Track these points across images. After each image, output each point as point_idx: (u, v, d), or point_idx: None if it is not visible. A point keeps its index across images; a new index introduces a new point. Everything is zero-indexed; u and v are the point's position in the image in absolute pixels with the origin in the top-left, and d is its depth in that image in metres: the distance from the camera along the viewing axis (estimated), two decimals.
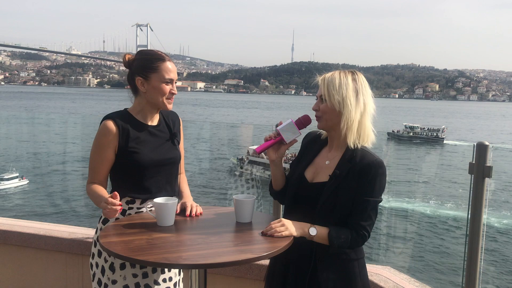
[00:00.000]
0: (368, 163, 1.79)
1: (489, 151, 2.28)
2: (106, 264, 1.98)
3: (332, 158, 1.89)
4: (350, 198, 1.79)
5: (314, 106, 1.89)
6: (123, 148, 2.01)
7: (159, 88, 2.02)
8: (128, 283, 1.95)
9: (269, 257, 1.64)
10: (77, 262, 3.20)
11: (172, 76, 2.05)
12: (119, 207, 1.81)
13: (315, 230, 1.77)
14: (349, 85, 1.82)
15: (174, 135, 2.16)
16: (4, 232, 3.31)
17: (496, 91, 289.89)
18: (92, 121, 28.07)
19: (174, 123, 2.20)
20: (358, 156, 1.81)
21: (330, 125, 1.86)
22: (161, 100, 2.04)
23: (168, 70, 2.03)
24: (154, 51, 2.10)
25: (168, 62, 2.05)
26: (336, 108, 1.81)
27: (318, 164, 1.91)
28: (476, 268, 2.33)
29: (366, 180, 1.78)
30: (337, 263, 1.83)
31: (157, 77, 2.02)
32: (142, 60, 2.06)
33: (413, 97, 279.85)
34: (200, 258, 1.59)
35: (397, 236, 17.22)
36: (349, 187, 1.79)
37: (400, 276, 2.64)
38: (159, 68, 2.02)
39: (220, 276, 2.87)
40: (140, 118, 2.09)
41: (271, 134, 1.93)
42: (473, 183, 2.31)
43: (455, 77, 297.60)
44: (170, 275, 2.06)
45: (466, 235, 2.36)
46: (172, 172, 2.14)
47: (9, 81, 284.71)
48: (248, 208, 1.94)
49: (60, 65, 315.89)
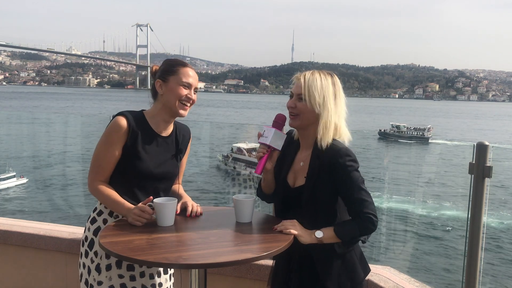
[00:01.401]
0: (334, 154, 1.81)
1: (489, 151, 2.28)
2: (92, 265, 1.97)
3: (304, 158, 1.92)
4: (329, 193, 1.82)
5: (290, 103, 1.89)
6: (128, 149, 1.97)
7: (175, 90, 2.01)
8: (114, 283, 1.94)
9: (269, 257, 1.65)
10: (77, 262, 3.18)
11: (191, 81, 2.04)
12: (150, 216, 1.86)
13: (321, 233, 1.79)
14: (329, 88, 1.85)
15: (179, 151, 2.13)
16: (4, 232, 3.31)
17: (496, 91, 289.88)
18: (92, 121, 28.04)
19: (184, 138, 2.17)
20: (324, 150, 1.83)
21: (305, 124, 1.88)
22: (175, 103, 2.01)
23: (187, 75, 2.03)
24: (179, 59, 2.13)
25: (189, 68, 2.06)
26: (315, 110, 1.84)
27: (295, 168, 1.94)
28: (476, 268, 2.34)
29: (338, 171, 1.80)
30: (334, 256, 1.84)
31: (174, 80, 2.02)
32: (165, 65, 2.09)
33: (413, 97, 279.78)
34: (200, 258, 1.59)
35: (397, 236, 17.23)
36: (324, 183, 1.82)
37: (400, 276, 2.64)
38: (178, 71, 2.03)
39: (220, 276, 2.87)
40: (153, 124, 2.06)
41: (261, 150, 1.92)
42: (473, 183, 2.31)
43: (455, 77, 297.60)
44: (160, 280, 2.05)
45: (466, 235, 2.37)
46: (167, 186, 2.13)
47: (9, 81, 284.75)
48: (248, 208, 1.94)
49: (60, 65, 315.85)
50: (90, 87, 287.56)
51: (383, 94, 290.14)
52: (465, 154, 2.28)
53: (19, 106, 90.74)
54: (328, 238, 1.79)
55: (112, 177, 2.03)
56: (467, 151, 2.39)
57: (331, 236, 1.79)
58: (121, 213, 1.95)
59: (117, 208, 1.96)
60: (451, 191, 24.03)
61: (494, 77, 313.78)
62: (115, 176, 2.02)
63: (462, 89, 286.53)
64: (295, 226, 1.80)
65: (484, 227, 2.35)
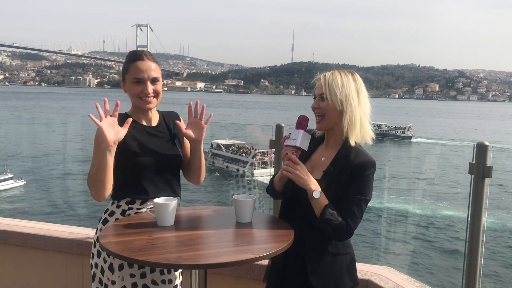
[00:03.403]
0: (362, 162, 1.82)
1: (489, 151, 2.28)
2: (105, 264, 1.98)
3: (328, 155, 1.92)
4: (340, 195, 1.82)
5: (314, 104, 1.91)
6: (121, 148, 1.99)
7: (130, 88, 2.04)
8: (126, 283, 1.95)
9: (269, 257, 1.64)
10: (77, 262, 3.20)
11: (141, 75, 2.01)
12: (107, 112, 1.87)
13: (319, 194, 1.79)
14: (351, 84, 1.86)
15: (174, 136, 2.15)
16: (4, 232, 3.31)
17: (496, 91, 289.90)
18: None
19: (174, 124, 2.18)
20: (352, 154, 1.84)
21: (331, 125, 1.88)
22: (135, 100, 2.05)
23: (137, 70, 2.02)
24: (133, 51, 2.10)
25: (139, 62, 2.02)
26: (337, 107, 1.84)
27: (314, 161, 1.94)
28: (476, 268, 2.34)
29: (358, 178, 1.81)
30: (324, 256, 1.85)
31: (128, 78, 2.05)
32: (124, 62, 2.10)
33: (413, 97, 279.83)
34: (200, 258, 1.59)
35: (397, 236, 17.24)
36: (340, 184, 1.82)
37: (400, 276, 2.65)
38: (130, 68, 2.04)
39: (220, 276, 2.87)
40: (137, 119, 2.09)
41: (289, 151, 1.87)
42: (473, 183, 2.31)
43: (455, 77, 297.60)
44: (170, 277, 2.05)
45: (466, 235, 2.37)
46: (172, 172, 2.12)
47: (9, 81, 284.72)
48: (248, 208, 1.94)
49: (60, 65, 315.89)
50: (90, 87, 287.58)
51: (383, 94, 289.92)
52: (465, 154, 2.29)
53: (20, 106, 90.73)
54: (316, 204, 1.79)
55: (118, 180, 2.03)
56: (467, 151, 2.39)
57: (319, 206, 1.79)
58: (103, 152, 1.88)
59: (97, 155, 1.94)
60: (451, 191, 24.04)
61: (494, 77, 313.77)
62: (120, 178, 2.03)
63: (462, 89, 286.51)
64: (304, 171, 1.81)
65: (484, 227, 2.35)
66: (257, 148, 31.33)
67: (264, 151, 30.58)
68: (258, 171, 30.10)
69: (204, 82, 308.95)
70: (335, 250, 1.86)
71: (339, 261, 1.87)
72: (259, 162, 30.70)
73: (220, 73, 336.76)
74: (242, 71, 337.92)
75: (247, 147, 32.66)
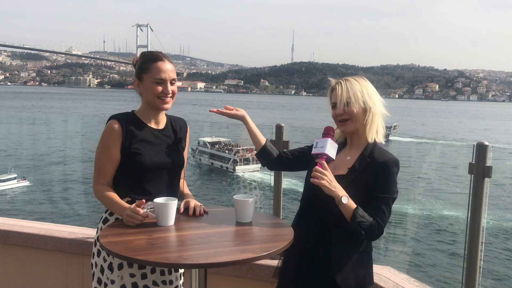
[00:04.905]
0: (386, 160, 1.87)
1: (489, 151, 2.28)
2: (105, 263, 1.98)
3: (352, 154, 1.96)
4: (364, 192, 1.85)
5: (338, 111, 1.93)
6: (127, 148, 2.01)
7: (150, 88, 2.04)
8: (125, 282, 1.95)
9: (269, 257, 1.65)
10: (77, 262, 3.21)
11: (163, 76, 2.04)
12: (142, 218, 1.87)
13: (347, 199, 1.80)
14: (367, 85, 1.96)
15: (179, 140, 2.16)
16: (4, 232, 3.32)
17: (496, 91, 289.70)
18: (92, 121, 28.04)
19: (181, 129, 2.20)
20: (376, 153, 1.89)
21: (357, 125, 1.93)
22: (153, 100, 2.05)
23: (159, 70, 2.04)
24: (151, 52, 2.12)
25: (160, 62, 2.05)
26: (362, 107, 1.91)
27: (339, 160, 1.96)
28: (476, 268, 2.34)
29: (383, 176, 1.85)
30: (350, 253, 1.87)
31: (148, 77, 2.04)
32: (140, 62, 2.09)
33: (413, 97, 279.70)
34: (200, 257, 1.59)
35: (397, 236, 17.24)
36: (365, 181, 1.86)
37: (400, 276, 2.65)
38: (150, 68, 2.04)
39: (220, 276, 2.87)
40: (145, 120, 2.10)
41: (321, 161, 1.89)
42: (473, 183, 2.32)
43: (455, 77, 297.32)
44: (171, 278, 2.06)
45: (466, 235, 2.37)
46: (174, 176, 2.14)
47: (9, 81, 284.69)
48: (248, 208, 1.95)
49: (60, 65, 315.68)
50: (90, 87, 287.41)
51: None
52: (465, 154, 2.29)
53: (21, 106, 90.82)
54: (346, 209, 1.81)
55: (121, 179, 2.05)
56: (467, 151, 2.40)
57: (349, 210, 1.80)
58: (119, 214, 1.98)
59: (114, 208, 1.99)
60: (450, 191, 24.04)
61: (494, 77, 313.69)
62: (123, 178, 2.05)
63: (462, 89, 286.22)
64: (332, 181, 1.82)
65: (484, 227, 2.35)
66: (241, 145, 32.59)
67: (246, 148, 31.98)
68: (240, 167, 31.63)
69: (204, 82, 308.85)
70: (360, 248, 1.89)
71: (362, 260, 1.90)
72: (241, 159, 32.12)
73: (220, 73, 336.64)
74: (242, 71, 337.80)
75: (232, 144, 33.91)
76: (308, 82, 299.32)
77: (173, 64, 2.11)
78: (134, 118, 2.09)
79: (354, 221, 1.80)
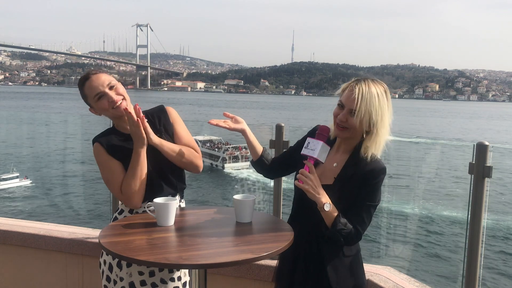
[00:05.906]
0: (373, 168, 1.80)
1: (489, 151, 2.28)
2: (114, 261, 2.01)
3: (339, 160, 1.90)
4: (347, 199, 1.82)
5: (341, 116, 1.81)
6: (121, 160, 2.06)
7: (99, 107, 2.06)
8: (134, 280, 1.98)
9: (269, 257, 1.64)
10: (77, 262, 3.20)
11: (98, 90, 2.03)
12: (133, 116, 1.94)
13: (329, 207, 1.77)
14: (385, 104, 1.80)
15: (161, 130, 2.15)
16: (4, 232, 3.31)
17: (496, 91, 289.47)
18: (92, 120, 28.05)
19: (159, 119, 2.18)
20: (363, 161, 1.82)
21: (352, 136, 1.85)
22: (112, 113, 2.07)
23: (91, 88, 2.04)
24: (79, 78, 2.12)
25: (87, 82, 2.05)
26: (367, 126, 1.79)
27: (325, 166, 1.91)
28: (476, 268, 2.34)
29: (369, 185, 1.80)
30: (341, 254, 1.86)
31: (91, 100, 2.07)
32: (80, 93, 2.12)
33: (413, 97, 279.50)
34: (200, 258, 1.59)
35: (397, 236, 17.24)
36: (350, 189, 1.82)
37: (400, 276, 2.65)
38: (85, 92, 2.07)
39: (220, 276, 2.87)
40: (122, 129, 2.13)
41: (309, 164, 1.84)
42: (473, 183, 2.31)
43: (455, 77, 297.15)
44: (179, 274, 2.07)
45: (466, 235, 2.37)
46: (164, 169, 2.11)
47: (9, 81, 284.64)
48: (248, 208, 1.94)
49: (60, 65, 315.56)
50: None
51: None
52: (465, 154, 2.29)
53: (22, 106, 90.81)
54: (327, 216, 1.78)
55: None
56: (467, 151, 2.39)
57: (330, 217, 1.78)
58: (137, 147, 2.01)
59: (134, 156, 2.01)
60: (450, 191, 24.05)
61: (494, 77, 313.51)
62: None
63: (462, 89, 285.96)
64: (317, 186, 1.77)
65: (484, 227, 2.35)
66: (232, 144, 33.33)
67: (235, 146, 32.92)
68: (229, 165, 32.49)
69: (204, 82, 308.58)
70: (349, 252, 1.88)
71: (355, 260, 1.90)
72: (230, 157, 32.95)
73: (220, 73, 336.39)
74: (242, 71, 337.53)
75: (222, 142, 34.66)
76: (308, 82, 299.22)
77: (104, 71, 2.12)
78: (114, 132, 2.13)
79: (335, 229, 1.78)
